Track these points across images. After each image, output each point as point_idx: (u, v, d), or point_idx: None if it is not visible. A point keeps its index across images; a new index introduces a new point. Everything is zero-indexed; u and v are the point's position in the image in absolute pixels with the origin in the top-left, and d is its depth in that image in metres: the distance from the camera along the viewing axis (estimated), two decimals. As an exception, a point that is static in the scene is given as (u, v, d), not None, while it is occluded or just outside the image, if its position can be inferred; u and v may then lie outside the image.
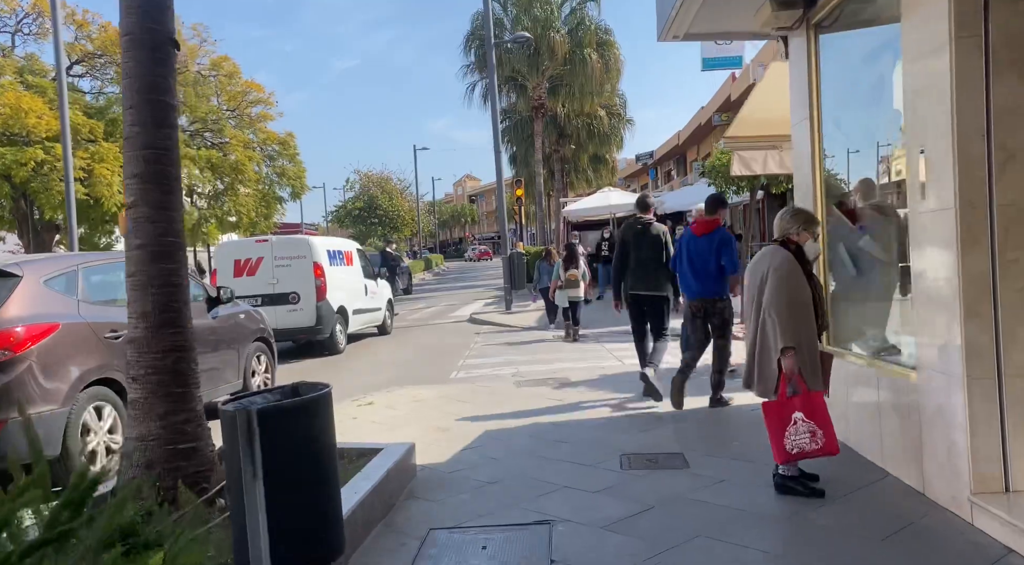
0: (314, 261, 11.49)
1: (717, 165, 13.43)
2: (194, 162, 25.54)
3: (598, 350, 11.17)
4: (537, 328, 14.44)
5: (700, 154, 45.74)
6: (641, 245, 6.95)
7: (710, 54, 31.00)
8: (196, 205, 27.98)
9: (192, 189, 28.19)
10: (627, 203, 20.62)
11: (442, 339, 13.55)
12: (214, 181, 26.88)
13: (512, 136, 34.14)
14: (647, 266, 6.91)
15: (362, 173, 53.63)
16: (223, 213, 27.91)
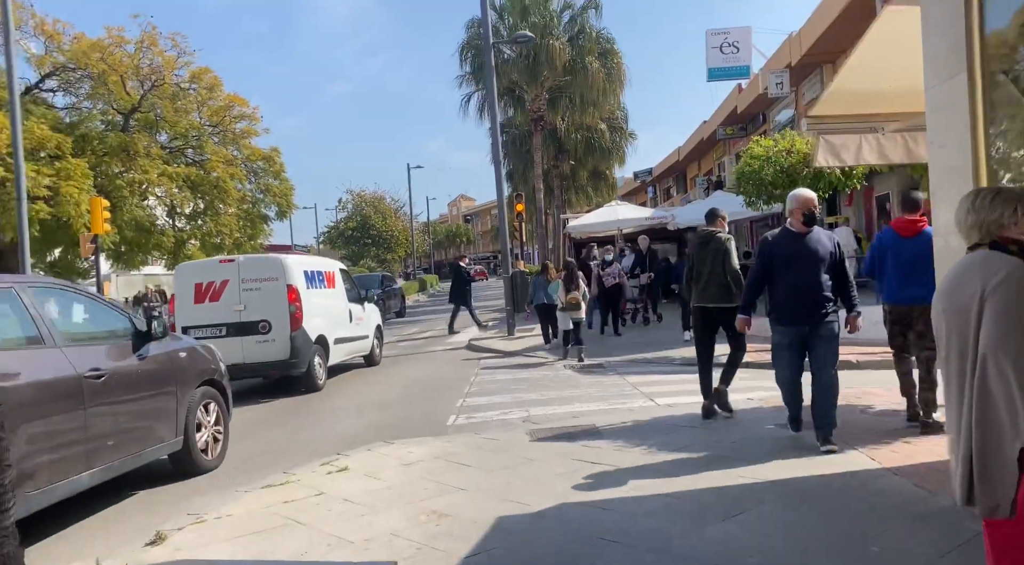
0: (288, 284, 9.87)
1: (747, 171, 11.90)
2: (171, 180, 23.99)
3: (620, 384, 9.54)
4: (546, 357, 12.80)
5: (702, 170, 44.49)
6: (707, 257, 6.77)
7: (716, 63, 29.78)
8: (176, 226, 26.39)
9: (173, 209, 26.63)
10: (636, 218, 19.10)
11: (438, 371, 11.90)
12: (194, 200, 25.28)
13: (510, 151, 32.72)
14: (715, 277, 6.71)
15: (355, 193, 52.27)
16: (204, 234, 26.30)
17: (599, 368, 11.26)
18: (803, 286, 5.38)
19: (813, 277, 5.38)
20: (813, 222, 5.50)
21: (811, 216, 5.49)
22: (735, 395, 8.11)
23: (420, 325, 21.75)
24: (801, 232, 5.49)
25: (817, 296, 5.39)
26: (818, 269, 5.40)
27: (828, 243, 5.51)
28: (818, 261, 5.40)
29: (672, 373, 10.45)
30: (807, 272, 5.39)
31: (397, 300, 26.15)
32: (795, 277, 5.40)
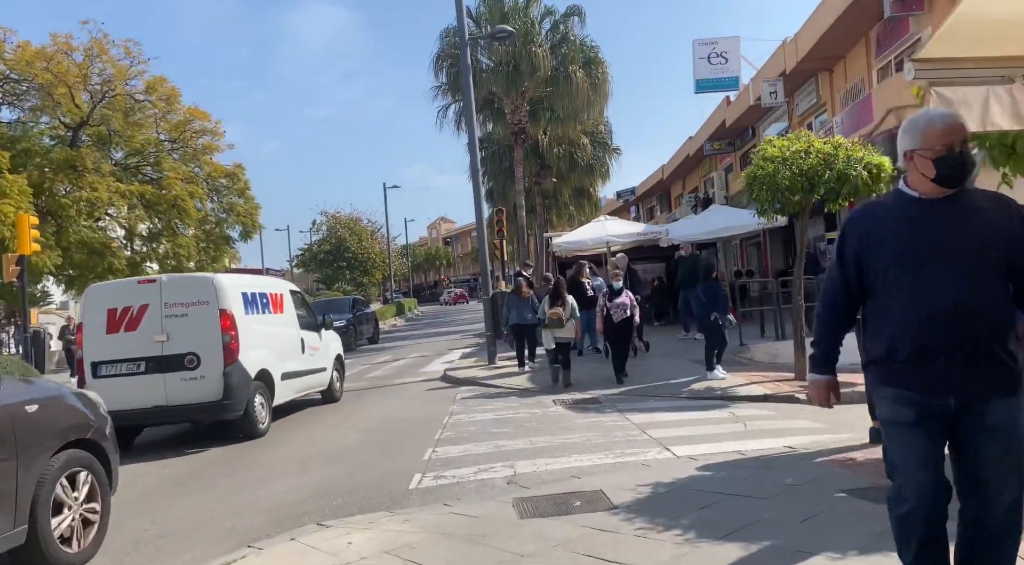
0: (221, 308, 8.16)
1: (760, 175, 10.39)
2: (124, 198, 22.20)
3: (623, 426, 7.91)
4: (532, 389, 11.15)
5: (686, 188, 43.33)
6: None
7: (704, 75, 28.59)
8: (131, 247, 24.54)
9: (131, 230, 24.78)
10: (627, 233, 17.61)
11: (407, 408, 10.20)
12: (149, 219, 23.48)
13: (490, 168, 31.29)
14: None
15: (329, 214, 50.46)
16: (161, 256, 24.48)
17: (594, 404, 9.63)
18: (948, 308, 2.58)
19: (969, 289, 2.58)
20: (962, 177, 2.68)
21: (956, 161, 2.63)
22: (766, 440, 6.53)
23: (393, 352, 20.00)
24: (936, 195, 2.69)
25: (981, 330, 2.58)
26: (980, 273, 2.60)
27: (1003, 218, 2.67)
28: (979, 255, 2.61)
29: (681, 410, 8.85)
30: (955, 279, 2.59)
31: (370, 325, 24.39)
32: (927, 288, 2.61)
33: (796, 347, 10.83)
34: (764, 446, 6.51)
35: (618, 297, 10.71)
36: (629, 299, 10.76)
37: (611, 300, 10.70)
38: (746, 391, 10.06)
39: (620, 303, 10.69)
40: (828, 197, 10.36)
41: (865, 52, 19.11)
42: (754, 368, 11.97)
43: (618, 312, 10.66)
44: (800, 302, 10.94)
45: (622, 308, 10.68)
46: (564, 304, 10.95)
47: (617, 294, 10.75)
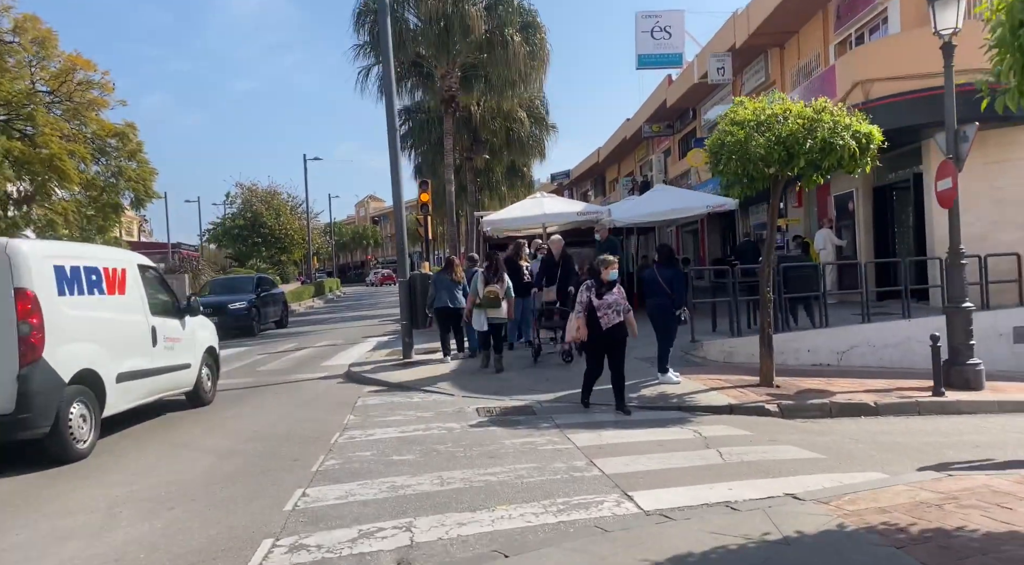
0: (16, 287, 5.89)
1: (729, 142, 8.69)
2: (-16, 154, 19.03)
3: (565, 450, 6.10)
4: (452, 390, 9.22)
5: (622, 172, 42.00)
6: None
7: (646, 50, 26.96)
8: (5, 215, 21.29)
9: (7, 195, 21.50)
10: (566, 212, 15.80)
11: (290, 418, 8.11)
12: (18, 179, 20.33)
13: (417, 140, 29.00)
14: None
15: (245, 186, 46.98)
16: (36, 223, 21.34)
17: (527, 415, 7.79)
18: None
19: None
20: None
21: None
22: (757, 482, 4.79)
23: (300, 339, 17.71)
24: None
25: None
26: None
27: None
28: None
29: (634, 426, 7.12)
30: None
31: (278, 307, 21.91)
32: None
33: (763, 345, 9.25)
34: (758, 492, 4.78)
35: (610, 292, 7.60)
36: (622, 295, 7.74)
37: (599, 295, 7.57)
38: (707, 399, 8.41)
39: (612, 302, 7.58)
40: (806, 171, 8.77)
41: (822, 26, 17.81)
42: (710, 369, 10.38)
43: (609, 314, 7.55)
44: (769, 294, 9.35)
45: (614, 309, 7.58)
46: (501, 282, 10.04)
47: (608, 288, 7.61)
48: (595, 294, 7.61)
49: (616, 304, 7.61)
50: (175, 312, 8.38)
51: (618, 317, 7.60)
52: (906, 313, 11.92)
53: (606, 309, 7.56)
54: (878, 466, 5.58)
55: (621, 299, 7.66)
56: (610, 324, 7.58)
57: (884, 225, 15.78)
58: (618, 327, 7.63)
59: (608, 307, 7.58)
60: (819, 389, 9.04)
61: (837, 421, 7.79)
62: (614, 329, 7.61)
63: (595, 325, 7.59)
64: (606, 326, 7.58)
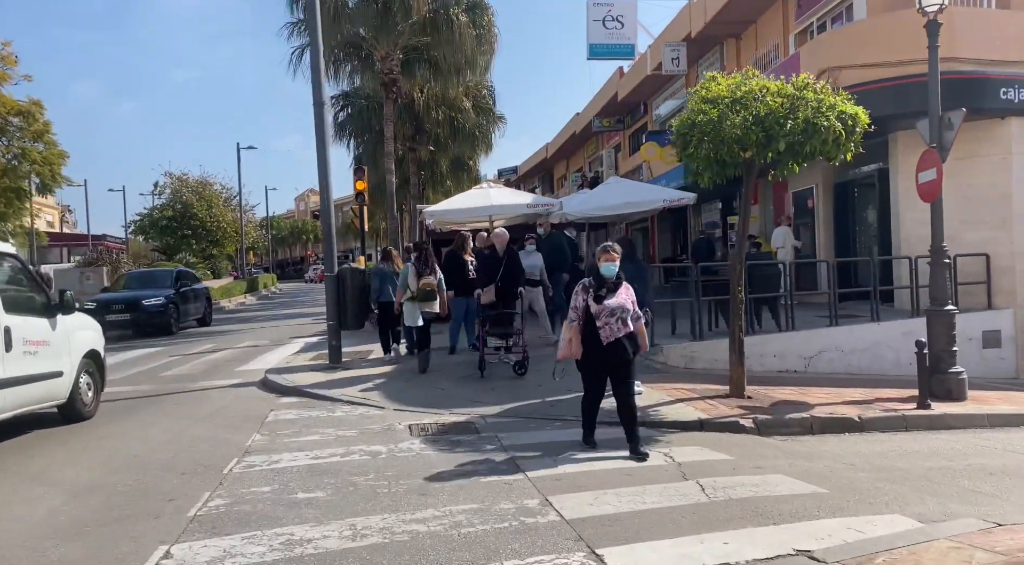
0: None
1: (700, 122, 7.68)
2: None
3: (515, 486, 4.97)
4: (381, 401, 7.97)
5: (570, 168, 41.14)
6: None
7: (598, 39, 25.99)
8: None
9: None
10: (514, 204, 14.66)
11: (182, 438, 6.74)
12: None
13: (356, 128, 27.47)
14: None
15: (174, 176, 44.37)
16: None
17: (469, 433, 6.63)
18: None
19: None
20: None
21: None
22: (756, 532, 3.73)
23: (221, 339, 16.13)
24: None
25: None
26: None
27: None
28: None
29: (595, 448, 6.00)
30: None
31: (200, 304, 20.14)
32: None
33: (733, 351, 8.28)
34: (762, 548, 3.72)
35: (613, 294, 5.84)
36: (631, 298, 5.97)
37: (598, 299, 5.80)
38: (674, 413, 7.39)
39: (616, 308, 5.80)
40: (784, 157, 7.82)
41: (782, 15, 17.11)
42: (672, 376, 9.41)
43: (611, 324, 5.77)
44: (740, 295, 8.38)
45: (619, 316, 5.79)
46: (433, 273, 9.41)
47: (612, 289, 5.86)
48: (593, 297, 5.82)
49: (622, 310, 5.82)
50: (42, 310, 6.91)
51: (624, 327, 5.83)
52: (875, 316, 11.20)
53: (607, 317, 5.78)
54: (894, 504, 4.60)
55: (628, 303, 5.89)
56: (613, 336, 5.77)
57: (845, 223, 15.13)
58: (624, 341, 5.82)
59: (610, 314, 5.77)
60: (794, 400, 8.13)
61: (821, 439, 6.86)
62: (619, 343, 5.79)
63: (594, 338, 5.80)
64: (608, 339, 5.76)
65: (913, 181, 12.23)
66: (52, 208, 54.78)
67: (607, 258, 5.89)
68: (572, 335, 5.88)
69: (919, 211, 12.60)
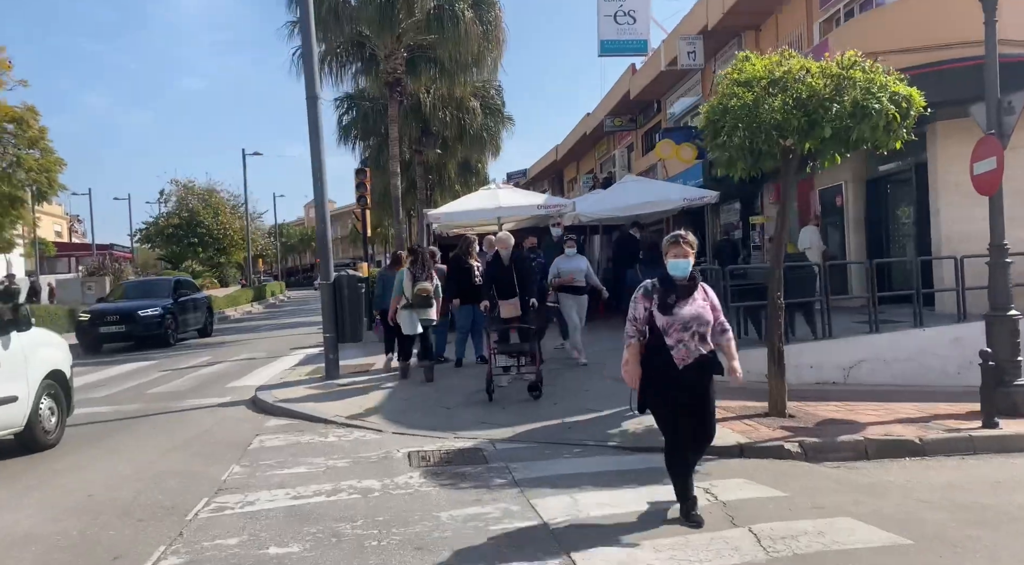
0: None
1: (734, 106, 6.84)
2: None
3: (526, 529, 4.20)
4: (377, 429, 7.13)
5: (580, 171, 40.31)
6: None
7: (609, 35, 25.13)
8: None
9: None
10: (523, 205, 13.85)
11: (148, 472, 5.94)
12: None
13: (361, 130, 26.76)
14: None
15: (180, 183, 43.94)
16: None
17: (476, 463, 5.81)
18: None
19: None
20: None
21: None
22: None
23: (220, 351, 15.38)
24: None
25: None
26: None
27: None
28: None
29: (620, 483, 5.21)
30: None
31: (200, 314, 19.41)
32: None
33: (772, 363, 7.42)
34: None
35: (687, 300, 4.35)
36: (711, 304, 4.46)
37: (666, 307, 4.30)
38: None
39: (693, 318, 4.32)
40: (828, 145, 6.96)
41: (805, 2, 16.23)
42: (701, 391, 8.49)
43: (686, 340, 4.30)
44: (779, 301, 7.51)
45: (695, 330, 4.32)
46: (430, 278, 8.85)
47: (684, 293, 4.36)
48: (658, 305, 4.32)
49: (699, 322, 4.30)
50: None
51: (703, 345, 4.34)
52: (919, 321, 10.27)
53: (680, 331, 4.27)
54: (1000, 560, 3.72)
55: (707, 311, 4.37)
56: (690, 358, 4.29)
57: (877, 222, 14.19)
58: (704, 364, 4.36)
59: (684, 328, 4.27)
60: (842, 419, 7.25)
61: (879, 466, 5.97)
62: (697, 368, 4.32)
63: (663, 361, 4.29)
64: (684, 362, 4.28)
65: (953, 174, 11.29)
66: (60, 218, 54.52)
67: (677, 252, 4.38)
68: (630, 356, 4.43)
69: (961, 207, 11.71)
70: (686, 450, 4.49)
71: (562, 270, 9.46)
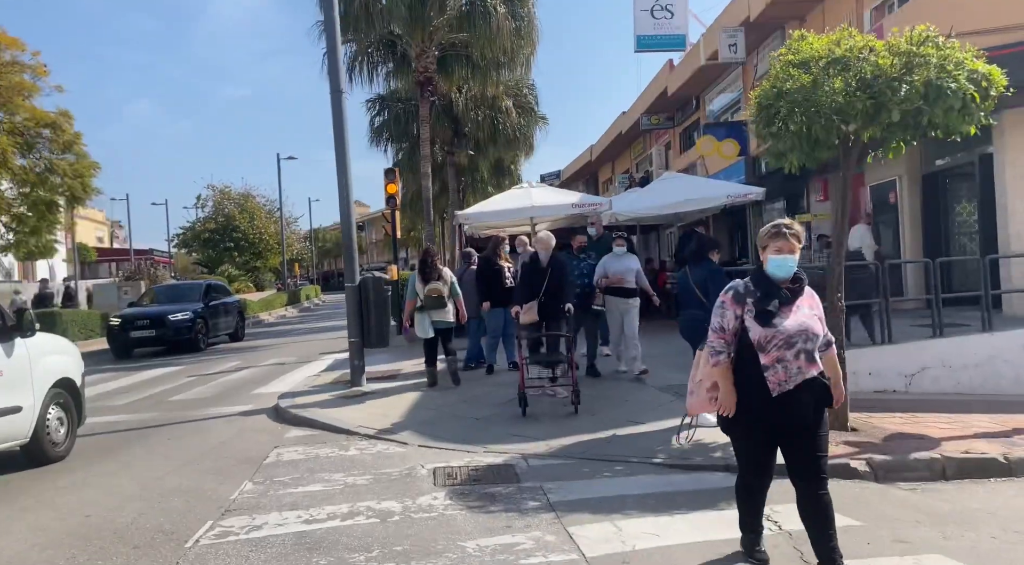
0: None
1: (789, 89, 6.22)
2: None
3: (562, 563, 3.57)
4: (402, 442, 6.64)
5: (616, 171, 39.55)
6: None
7: (646, 31, 24.44)
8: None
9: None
10: (560, 204, 13.29)
11: (154, 491, 5.53)
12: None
13: (394, 132, 26.42)
14: None
15: (217, 188, 44.29)
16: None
17: (507, 482, 5.28)
18: None
19: None
20: None
21: None
22: None
23: (249, 356, 15.11)
24: None
25: None
26: None
27: None
28: None
29: (671, 507, 4.63)
30: None
31: (231, 318, 19.22)
32: None
33: (832, 373, 6.74)
34: None
35: (790, 309, 3.43)
36: (817, 311, 3.53)
37: (766, 319, 3.40)
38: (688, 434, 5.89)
39: (799, 331, 3.39)
40: (893, 131, 6.30)
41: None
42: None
43: (787, 360, 3.38)
44: (840, 304, 6.86)
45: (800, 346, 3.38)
46: (440, 278, 8.47)
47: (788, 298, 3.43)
48: (756, 313, 3.43)
49: (805, 336, 3.38)
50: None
51: (809, 365, 3.39)
52: (987, 325, 9.48)
53: (782, 348, 3.37)
54: None
55: (816, 323, 3.45)
56: (791, 382, 3.38)
57: (935, 219, 13.34)
58: (811, 389, 3.42)
59: (787, 345, 3.36)
60: (911, 433, 6.57)
61: (961, 489, 5.29)
62: (801, 393, 3.40)
63: (755, 383, 3.42)
64: (782, 387, 3.38)
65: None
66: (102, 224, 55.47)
67: (780, 246, 3.41)
68: (718, 376, 3.50)
69: (1034, 202, 10.92)
70: (765, 489, 3.70)
71: (610, 270, 8.50)
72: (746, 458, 3.69)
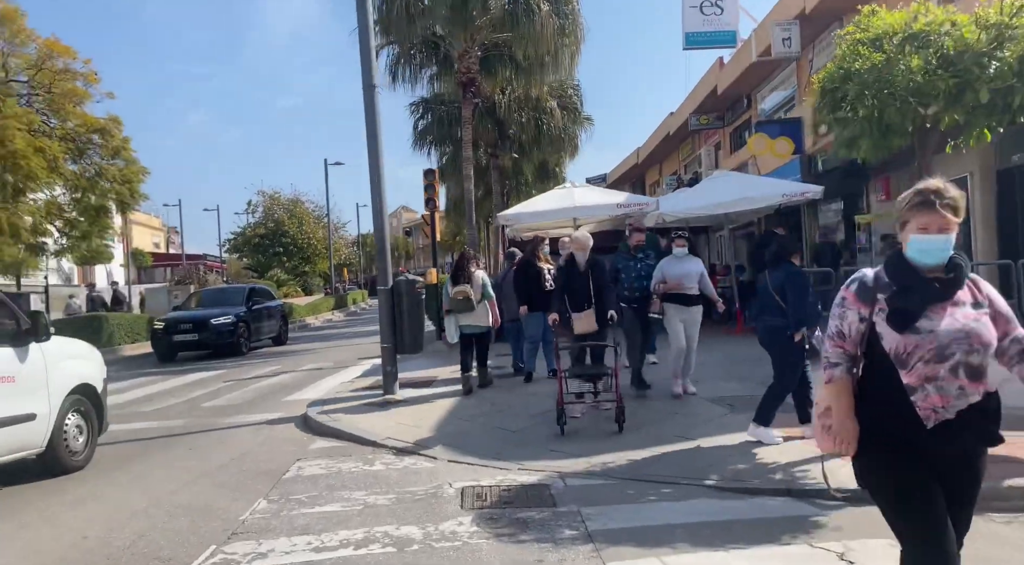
0: None
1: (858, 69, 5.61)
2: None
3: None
4: (431, 456, 6.17)
5: (663, 174, 38.66)
6: None
7: (694, 27, 23.65)
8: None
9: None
10: (604, 204, 12.73)
11: (162, 508, 5.18)
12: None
13: (437, 134, 26.18)
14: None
15: (267, 194, 44.82)
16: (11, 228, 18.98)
17: (541, 505, 4.77)
18: None
19: None
20: None
21: None
22: None
23: (289, 360, 14.91)
24: None
25: None
26: None
27: None
28: None
29: (725, 541, 4.03)
30: None
31: (274, 322, 19.13)
32: None
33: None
34: None
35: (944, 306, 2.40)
36: (995, 310, 2.47)
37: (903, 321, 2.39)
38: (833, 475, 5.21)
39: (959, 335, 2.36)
40: (977, 117, 5.60)
41: (920, -25, 14.49)
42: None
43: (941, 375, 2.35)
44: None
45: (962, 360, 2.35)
46: (470, 281, 8.27)
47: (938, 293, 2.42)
48: (889, 313, 2.44)
49: (968, 342, 2.36)
50: (9, 338, 5.53)
51: (975, 384, 2.37)
52: (1077, 332, 8.60)
53: (934, 361, 2.37)
54: None
55: (985, 325, 2.41)
56: (950, 410, 2.38)
57: (1011, 219, 12.34)
58: (972, 417, 2.40)
59: (940, 356, 2.36)
60: (999, 454, 5.77)
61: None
62: (961, 425, 2.40)
63: (893, 409, 2.44)
64: (936, 416, 2.39)
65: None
66: (158, 230, 56.84)
67: (927, 221, 2.40)
68: (831, 398, 2.53)
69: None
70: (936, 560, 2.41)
71: (668, 274, 7.48)
72: (905, 521, 2.46)
